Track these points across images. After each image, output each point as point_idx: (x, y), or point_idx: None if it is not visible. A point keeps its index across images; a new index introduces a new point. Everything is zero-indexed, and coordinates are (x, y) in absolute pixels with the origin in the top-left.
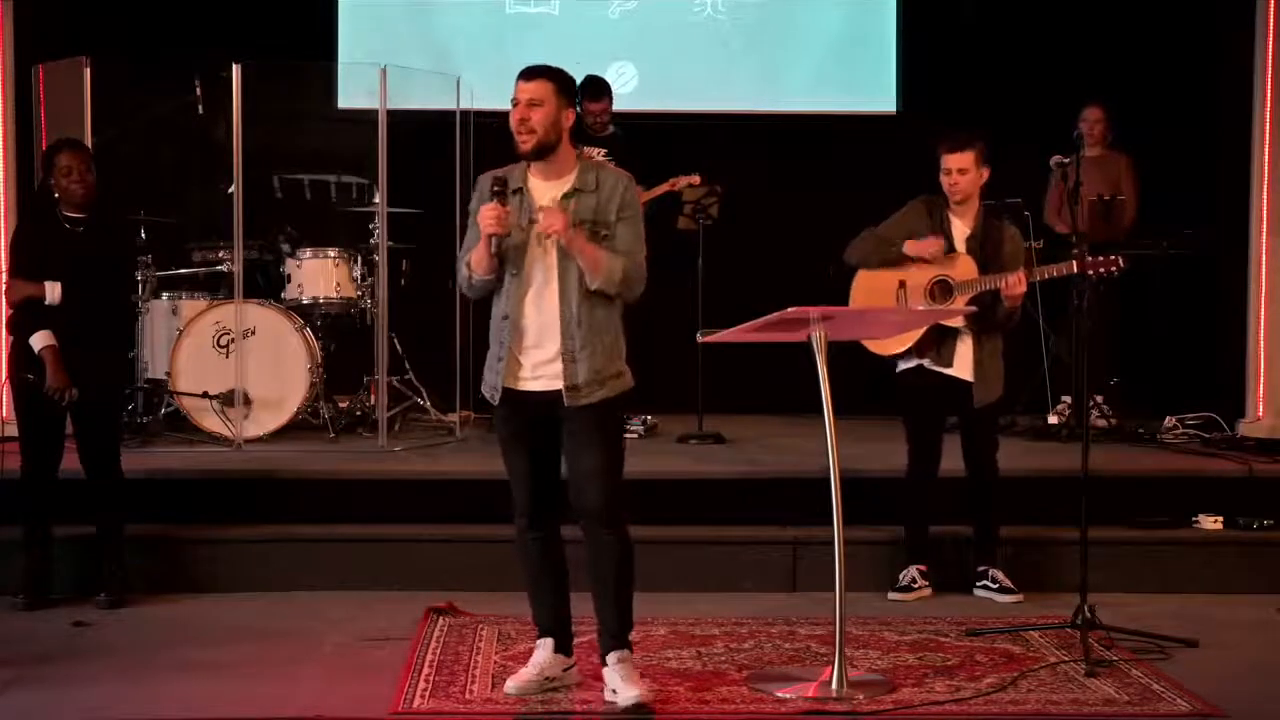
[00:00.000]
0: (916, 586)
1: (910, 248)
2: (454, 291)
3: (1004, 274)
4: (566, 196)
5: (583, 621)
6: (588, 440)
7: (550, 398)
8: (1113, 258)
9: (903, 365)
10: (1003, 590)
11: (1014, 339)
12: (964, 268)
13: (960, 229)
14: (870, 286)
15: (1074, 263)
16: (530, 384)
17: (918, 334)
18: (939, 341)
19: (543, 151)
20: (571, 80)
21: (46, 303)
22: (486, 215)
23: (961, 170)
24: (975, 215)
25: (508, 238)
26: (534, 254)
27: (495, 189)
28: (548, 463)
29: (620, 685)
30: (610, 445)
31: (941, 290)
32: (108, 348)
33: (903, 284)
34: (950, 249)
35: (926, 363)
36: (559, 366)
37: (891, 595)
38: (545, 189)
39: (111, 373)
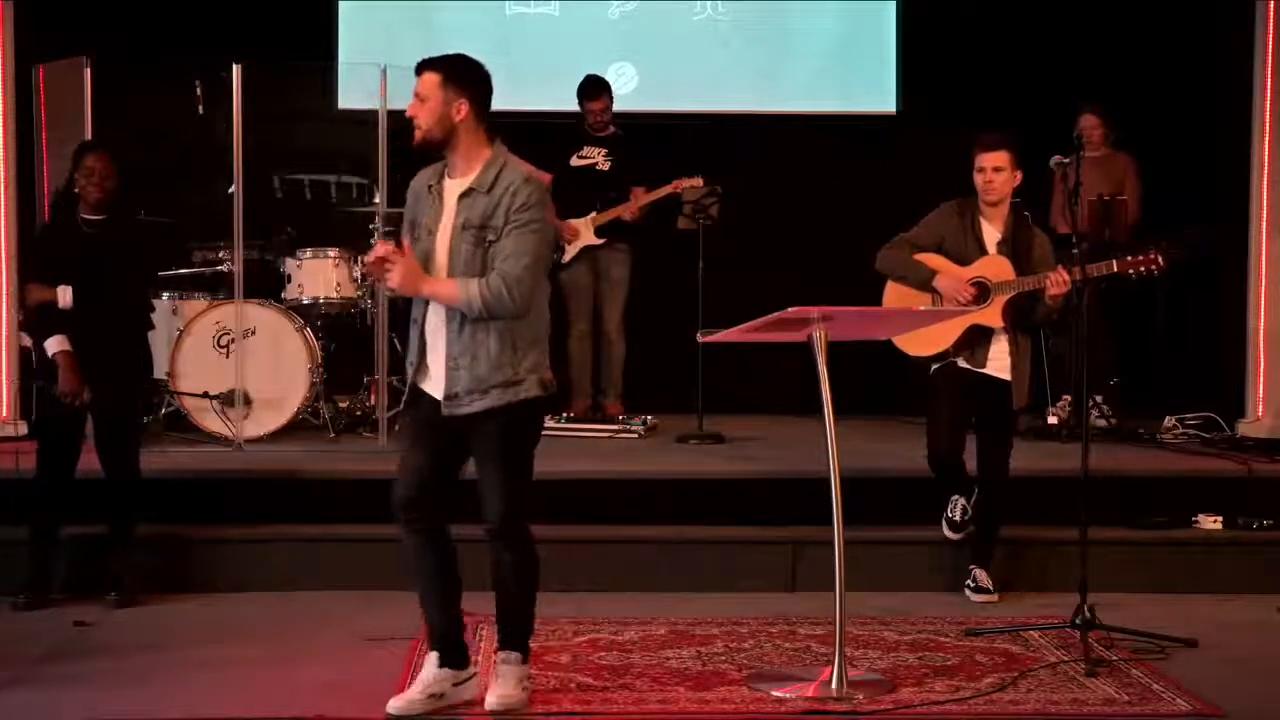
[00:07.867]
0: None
1: (941, 284)
2: None
3: (1045, 274)
4: (463, 196)
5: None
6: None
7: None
8: (1153, 256)
9: (935, 364)
10: (978, 590)
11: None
12: (1000, 269)
13: (991, 232)
14: (904, 287)
15: (1114, 262)
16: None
17: (954, 334)
18: (974, 342)
19: (431, 147)
20: (466, 67)
21: (59, 307)
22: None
23: (997, 169)
24: (1006, 219)
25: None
26: (439, 257)
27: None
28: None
29: (491, 684)
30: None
31: (978, 291)
32: (125, 348)
33: None
34: (980, 253)
35: (960, 361)
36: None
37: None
38: (453, 186)
39: (130, 374)
